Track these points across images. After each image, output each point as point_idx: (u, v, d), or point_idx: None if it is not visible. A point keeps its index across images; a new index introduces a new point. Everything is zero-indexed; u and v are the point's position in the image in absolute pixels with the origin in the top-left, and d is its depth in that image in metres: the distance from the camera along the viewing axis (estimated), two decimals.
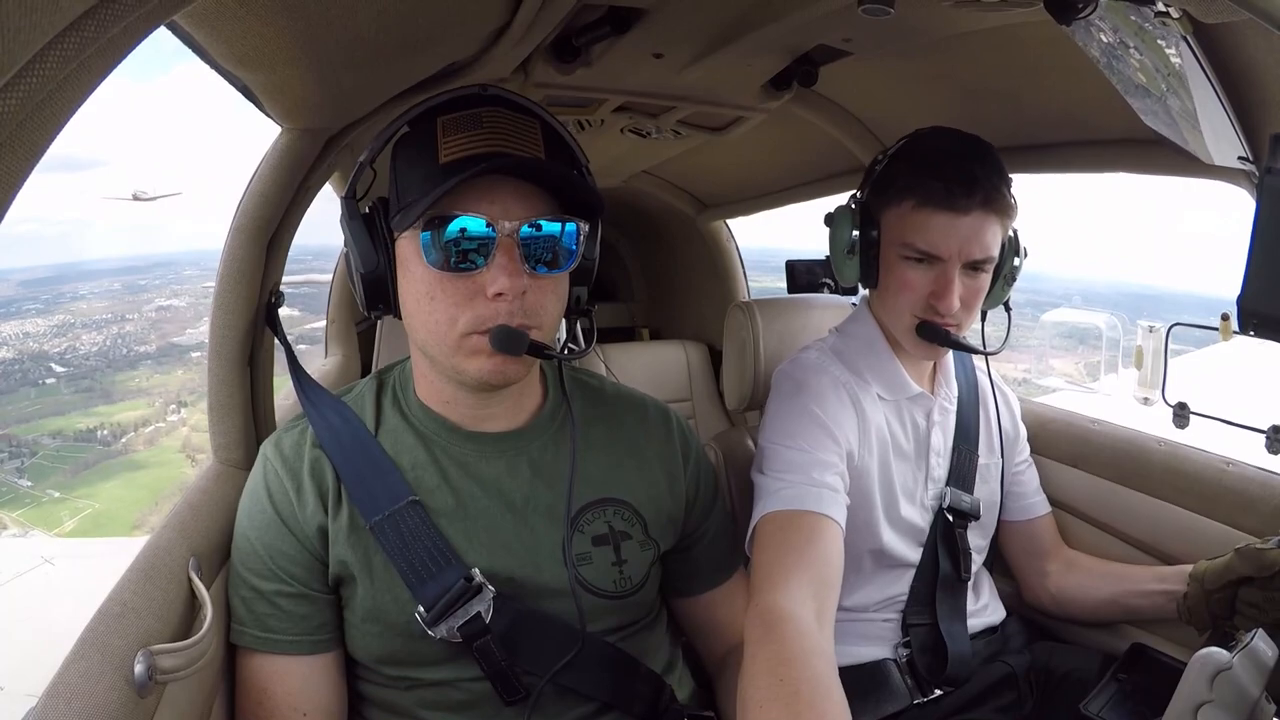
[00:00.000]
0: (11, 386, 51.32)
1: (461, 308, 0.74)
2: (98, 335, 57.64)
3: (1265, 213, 0.58)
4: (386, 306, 0.81)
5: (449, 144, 0.74)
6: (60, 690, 0.58)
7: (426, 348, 0.79)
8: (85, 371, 53.41)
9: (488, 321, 0.74)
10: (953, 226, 0.97)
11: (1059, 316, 7.29)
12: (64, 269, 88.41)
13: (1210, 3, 0.56)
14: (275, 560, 0.79)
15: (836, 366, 1.09)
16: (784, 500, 0.94)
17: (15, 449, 44.36)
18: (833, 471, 0.97)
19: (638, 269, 2.90)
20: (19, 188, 0.39)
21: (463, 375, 0.78)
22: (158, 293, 62.12)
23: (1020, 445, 1.24)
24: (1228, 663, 0.64)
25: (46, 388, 51.67)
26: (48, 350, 55.76)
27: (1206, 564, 0.97)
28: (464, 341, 0.75)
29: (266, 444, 0.86)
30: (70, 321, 59.98)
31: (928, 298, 1.00)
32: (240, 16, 0.60)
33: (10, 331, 57.60)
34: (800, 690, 0.69)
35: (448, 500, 0.81)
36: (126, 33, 0.40)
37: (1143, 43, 0.68)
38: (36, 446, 45.01)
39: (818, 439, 0.99)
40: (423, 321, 0.77)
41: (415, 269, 0.76)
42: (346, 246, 0.81)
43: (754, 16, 1.00)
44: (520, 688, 0.79)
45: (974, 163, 0.98)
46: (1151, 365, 3.33)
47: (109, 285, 71.63)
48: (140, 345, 55.13)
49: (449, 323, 0.75)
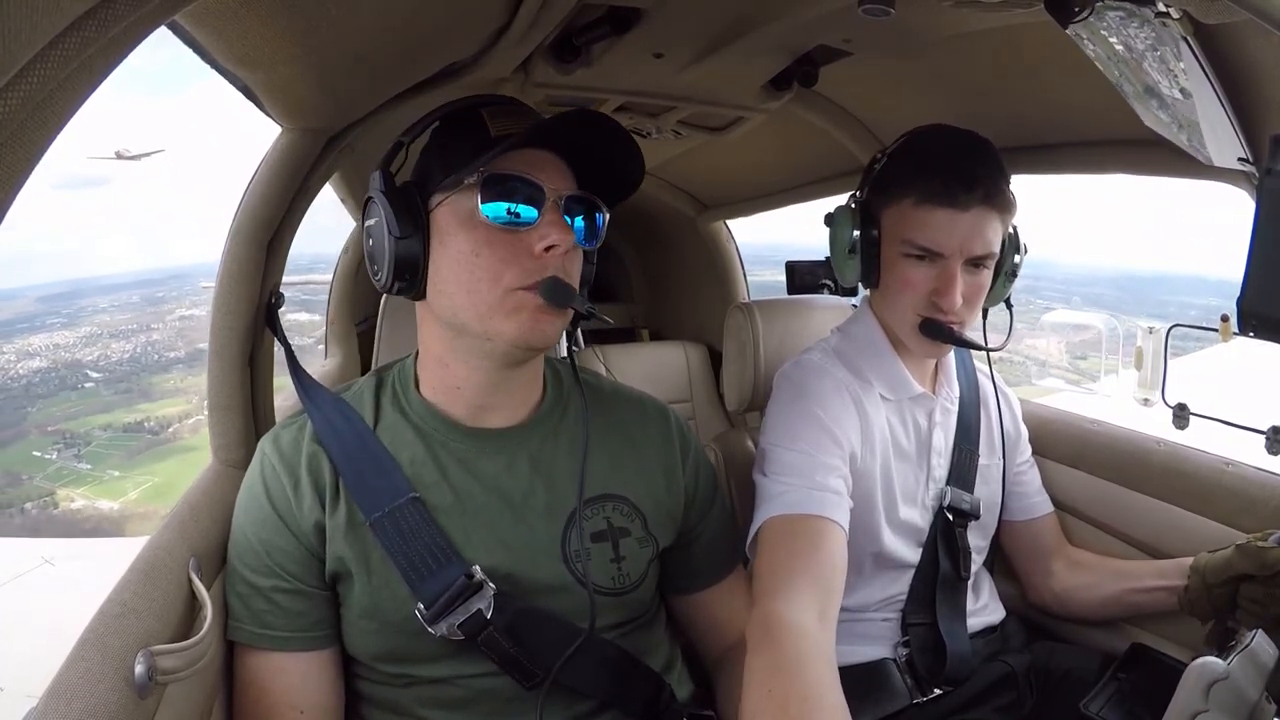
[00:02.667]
0: (52, 391, 53.92)
1: (508, 264, 0.76)
2: (127, 344, 60.07)
3: (1265, 214, 0.58)
4: (412, 281, 0.80)
5: (498, 124, 0.79)
6: (60, 690, 0.57)
7: (459, 313, 0.79)
8: (121, 376, 56.07)
9: (535, 274, 0.76)
10: (954, 222, 0.97)
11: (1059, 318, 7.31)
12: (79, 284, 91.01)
13: (1210, 3, 0.56)
14: (272, 556, 0.79)
15: (839, 368, 1.09)
16: (787, 504, 0.93)
17: (70, 440, 47.19)
18: (836, 474, 0.97)
19: (638, 269, 2.90)
20: (19, 188, 0.39)
21: (498, 338, 0.78)
22: (177, 304, 64.69)
23: (1022, 446, 1.24)
24: (1223, 673, 0.64)
25: (86, 390, 54.18)
26: (81, 359, 58.37)
27: (1208, 557, 0.98)
28: (508, 298, 0.76)
29: (264, 440, 0.86)
30: (97, 332, 62.52)
31: (930, 295, 1.00)
32: (240, 16, 0.60)
33: (40, 343, 60.15)
34: (789, 703, 0.69)
35: (446, 496, 0.82)
36: (127, 33, 0.40)
37: (1143, 44, 0.68)
38: (89, 438, 47.69)
39: (820, 441, 0.99)
40: (462, 283, 0.77)
41: (459, 233, 0.77)
42: (372, 217, 0.81)
43: (754, 16, 1.00)
44: (536, 673, 0.79)
45: (973, 159, 0.98)
46: (1151, 366, 3.34)
47: (127, 298, 74.04)
48: (170, 351, 57.49)
49: (493, 279, 0.76)
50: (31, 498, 40.27)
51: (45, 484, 41.92)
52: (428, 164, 0.82)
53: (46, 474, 43.11)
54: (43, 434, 47.98)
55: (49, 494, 40.64)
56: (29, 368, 56.19)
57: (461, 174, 0.76)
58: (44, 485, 41.81)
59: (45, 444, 46.72)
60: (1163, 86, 0.75)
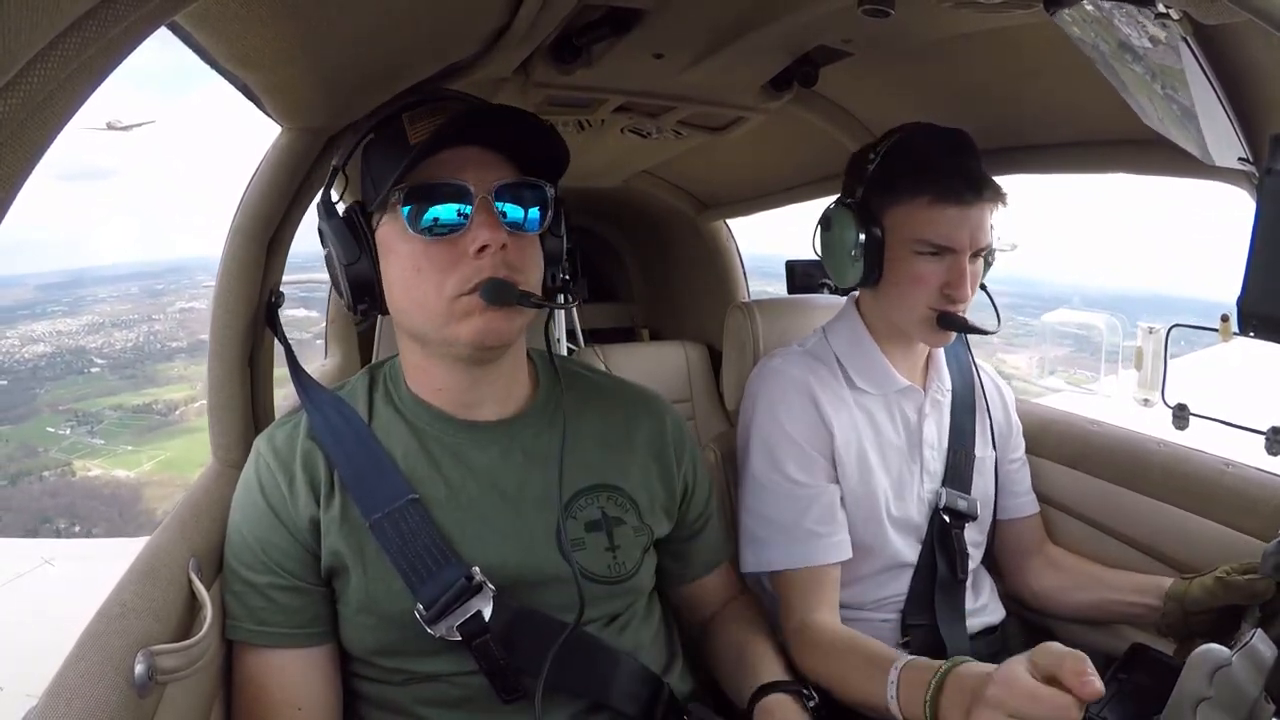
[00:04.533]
0: (59, 374, 55.32)
1: (447, 272, 0.76)
2: (129, 333, 61.00)
3: (1265, 214, 0.58)
4: (372, 301, 0.82)
5: (416, 129, 0.79)
6: (60, 690, 0.57)
7: (416, 326, 0.81)
8: (126, 363, 57.26)
9: (473, 279, 0.76)
10: (964, 218, 1.01)
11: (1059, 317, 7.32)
12: (78, 274, 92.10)
13: (1210, 4, 0.56)
14: (268, 553, 0.79)
15: (796, 367, 1.12)
16: (792, 558, 1.05)
17: (82, 418, 48.77)
18: (820, 503, 1.05)
19: (638, 269, 2.90)
20: (19, 187, 0.39)
21: (456, 344, 0.79)
22: (177, 296, 65.73)
23: (1015, 441, 1.25)
24: (1227, 659, 0.64)
25: (93, 375, 55.55)
26: (85, 345, 59.36)
27: (1185, 585, 0.97)
28: (454, 305, 0.77)
29: (260, 439, 0.86)
30: (100, 321, 63.30)
31: (942, 289, 1.04)
32: (240, 16, 0.60)
33: (43, 330, 61.07)
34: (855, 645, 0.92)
35: (440, 490, 0.82)
36: (127, 33, 0.40)
37: (1143, 44, 0.68)
38: (101, 416, 49.19)
39: (798, 458, 1.07)
40: (411, 297, 0.79)
41: (399, 248, 0.78)
42: (327, 246, 0.84)
43: (754, 17, 1.00)
44: (517, 687, 0.79)
45: (970, 158, 1.04)
46: (1151, 366, 3.34)
47: (126, 289, 74.91)
48: (172, 341, 58.57)
49: (436, 289, 0.77)
50: (49, 467, 41.87)
51: (61, 456, 43.43)
52: (364, 181, 0.83)
53: (61, 447, 44.58)
54: (54, 412, 49.22)
55: (66, 464, 42.24)
56: (34, 352, 57.11)
57: (385, 192, 0.77)
58: (60, 457, 43.32)
59: (58, 421, 48.14)
60: (1162, 87, 0.75)
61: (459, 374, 0.84)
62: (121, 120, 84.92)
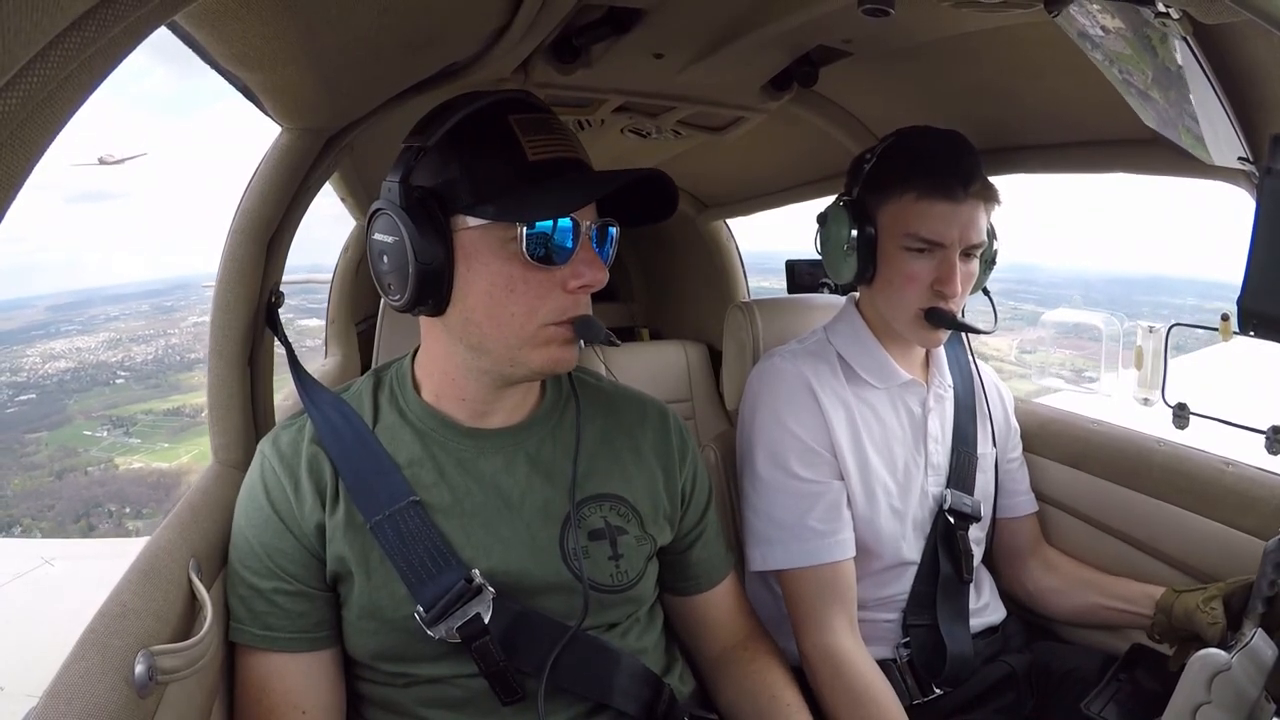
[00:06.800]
0: (85, 386, 57.70)
1: (543, 299, 0.76)
2: (148, 347, 63.29)
3: (1265, 213, 0.58)
4: (436, 301, 0.76)
5: (533, 143, 0.75)
6: (60, 690, 0.57)
7: (487, 340, 0.78)
8: (148, 374, 59.60)
9: (569, 311, 0.77)
10: (954, 214, 1.02)
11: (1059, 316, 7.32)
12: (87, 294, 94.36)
13: (1210, 3, 0.56)
14: (273, 558, 0.79)
15: (796, 365, 1.12)
16: (801, 556, 1.05)
17: (117, 422, 52.46)
18: (825, 500, 1.05)
19: (638, 269, 2.89)
20: (19, 187, 0.38)
21: (523, 365, 0.79)
22: (188, 310, 67.84)
23: (1013, 441, 1.26)
24: (1226, 664, 0.65)
25: (119, 386, 57.99)
26: (106, 360, 61.74)
27: (1174, 596, 0.96)
28: (541, 331, 0.77)
29: (264, 442, 0.86)
30: (117, 338, 65.40)
31: (932, 285, 1.04)
32: (240, 16, 0.60)
33: (62, 347, 63.39)
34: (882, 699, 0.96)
35: (445, 497, 0.81)
36: (128, 32, 0.40)
37: (1142, 43, 0.68)
38: (134, 419, 52.46)
39: (801, 454, 1.07)
40: (495, 314, 0.76)
41: (492, 262, 0.75)
42: (389, 235, 0.75)
43: (754, 17, 1.00)
44: (518, 689, 0.79)
45: (964, 156, 1.05)
46: (1151, 365, 3.33)
47: (137, 307, 76.86)
48: (190, 353, 60.54)
49: (528, 313, 0.76)
50: (92, 464, 45.48)
51: (101, 454, 46.90)
52: (451, 177, 0.75)
53: (101, 447, 48.00)
54: (88, 419, 51.87)
55: (108, 460, 45.97)
56: (57, 368, 59.27)
57: (503, 213, 0.73)
58: (100, 455, 46.81)
59: (94, 425, 51.10)
60: (1162, 86, 0.75)
61: (488, 388, 0.83)
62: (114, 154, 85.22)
